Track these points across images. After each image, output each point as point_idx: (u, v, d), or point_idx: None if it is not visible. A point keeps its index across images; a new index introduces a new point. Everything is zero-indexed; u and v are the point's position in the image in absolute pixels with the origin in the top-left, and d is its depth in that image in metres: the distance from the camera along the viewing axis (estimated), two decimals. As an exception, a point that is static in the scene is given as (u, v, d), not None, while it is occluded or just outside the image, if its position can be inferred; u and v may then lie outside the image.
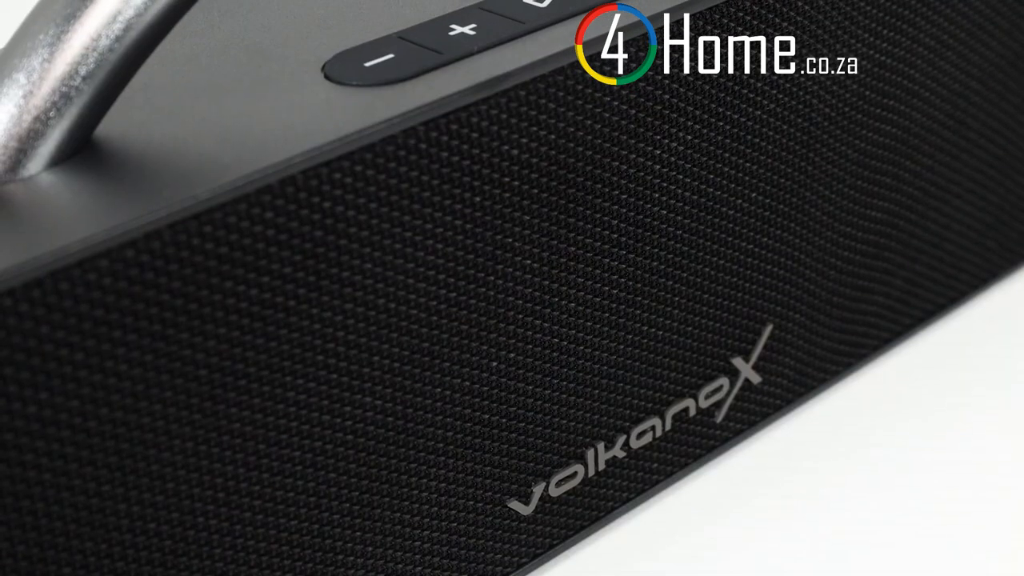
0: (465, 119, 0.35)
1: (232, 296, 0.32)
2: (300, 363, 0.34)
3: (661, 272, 0.42)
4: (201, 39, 0.39)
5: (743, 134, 0.42)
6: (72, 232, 0.30)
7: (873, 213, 0.48)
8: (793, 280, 0.46)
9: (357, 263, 0.34)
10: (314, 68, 0.37)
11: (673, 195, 0.41)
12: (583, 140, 0.38)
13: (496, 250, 0.37)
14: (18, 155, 0.33)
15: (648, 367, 0.43)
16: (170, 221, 0.31)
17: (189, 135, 0.34)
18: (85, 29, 0.33)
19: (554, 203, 0.38)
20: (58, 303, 0.29)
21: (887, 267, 0.50)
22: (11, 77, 0.33)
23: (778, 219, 0.45)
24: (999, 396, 0.50)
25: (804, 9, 0.42)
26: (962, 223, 0.52)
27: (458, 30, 0.38)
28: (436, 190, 0.35)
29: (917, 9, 0.45)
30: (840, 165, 0.46)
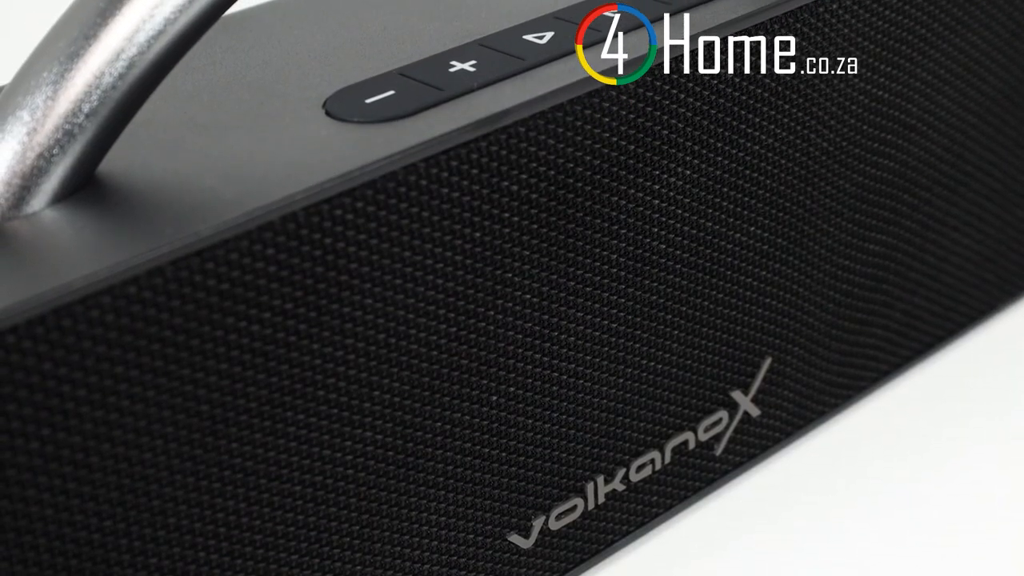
0: (465, 155, 0.35)
1: (234, 332, 0.32)
2: (301, 398, 0.34)
3: (660, 306, 0.42)
4: (203, 75, 0.39)
5: (742, 168, 0.42)
6: (75, 269, 0.30)
7: (871, 246, 0.48)
8: (792, 313, 0.47)
9: (358, 298, 0.34)
10: (315, 104, 0.37)
11: (672, 229, 0.41)
12: (582, 175, 0.38)
13: (496, 285, 0.37)
14: (22, 192, 0.33)
15: (647, 400, 0.43)
16: (172, 258, 0.31)
17: (191, 171, 0.34)
18: (88, 67, 0.33)
19: (553, 238, 0.38)
20: (61, 339, 0.30)
21: (886, 300, 0.50)
22: (15, 114, 0.33)
23: (777, 252, 0.45)
24: (998, 428, 0.51)
25: (800, 44, 0.42)
26: (960, 256, 0.52)
27: (458, 66, 0.38)
28: (436, 226, 0.35)
29: (914, 44, 0.46)
30: (838, 199, 0.46)
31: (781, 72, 0.42)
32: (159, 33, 0.33)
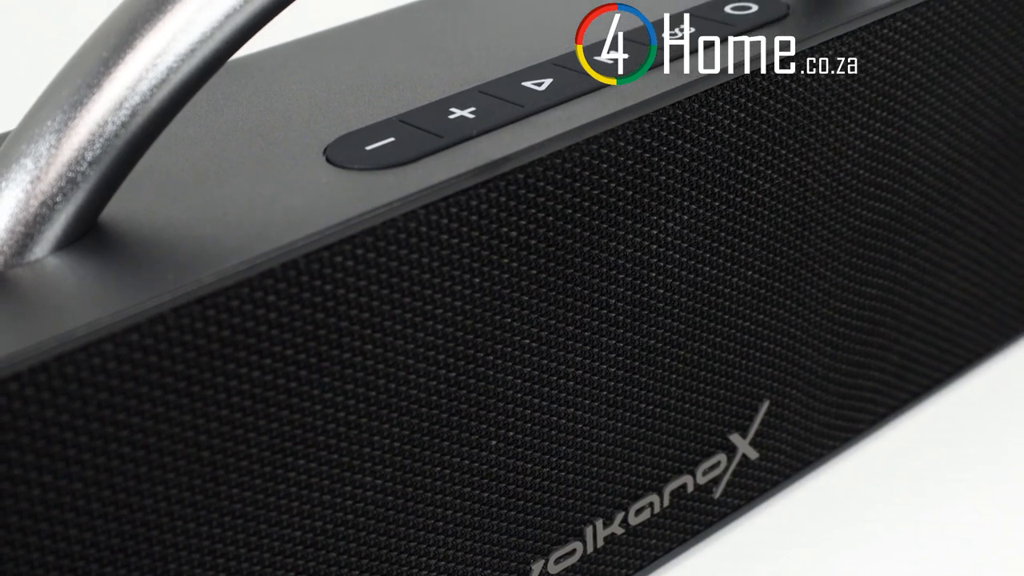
0: (465, 202, 0.35)
1: (234, 378, 0.33)
2: (301, 443, 0.34)
3: (658, 350, 0.42)
4: (205, 121, 0.40)
5: (739, 213, 0.42)
6: (77, 316, 0.30)
7: (868, 289, 0.49)
8: (789, 356, 0.47)
9: (358, 344, 0.35)
10: (316, 151, 0.37)
11: (670, 274, 0.41)
12: (581, 221, 0.38)
13: (495, 330, 0.37)
14: (25, 239, 0.33)
15: (646, 444, 0.43)
16: (174, 305, 0.31)
17: (193, 218, 0.34)
18: (92, 116, 0.33)
19: (552, 283, 0.38)
20: (63, 387, 0.30)
21: (883, 342, 0.50)
22: (19, 163, 0.33)
23: (774, 296, 0.45)
24: (996, 470, 0.51)
25: (796, 91, 0.42)
26: (957, 298, 0.53)
27: (458, 113, 0.39)
28: (436, 272, 0.35)
29: (909, 90, 0.46)
30: (835, 243, 0.46)
31: (779, 118, 0.42)
32: (161, 82, 0.34)
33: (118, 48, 0.34)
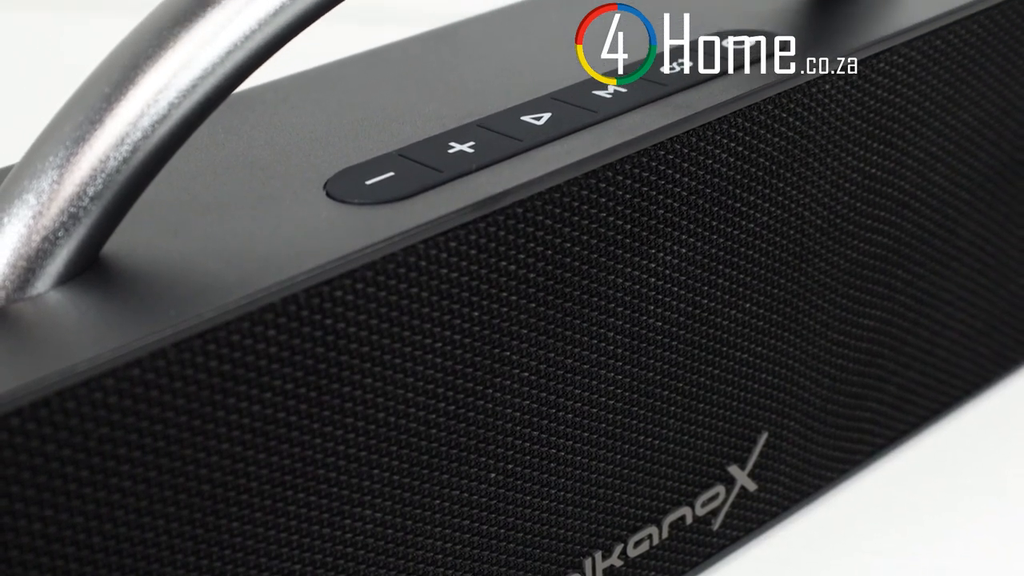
0: (464, 236, 0.36)
1: (235, 412, 0.33)
2: (301, 477, 0.35)
3: (657, 383, 0.42)
4: (206, 155, 0.40)
5: (737, 246, 0.43)
6: (79, 351, 0.31)
7: (866, 321, 0.49)
8: (787, 388, 0.47)
9: (358, 378, 0.35)
10: (316, 185, 0.38)
11: (668, 306, 0.42)
12: (579, 254, 0.38)
13: (494, 363, 0.38)
14: (27, 274, 0.33)
15: (644, 476, 0.43)
16: (175, 340, 0.31)
17: (194, 253, 0.35)
18: (94, 151, 0.33)
19: (551, 316, 0.38)
20: (64, 422, 0.30)
21: (881, 374, 0.50)
22: (21, 198, 0.33)
23: (772, 328, 0.45)
24: (995, 501, 0.51)
25: (793, 124, 0.43)
26: (954, 330, 0.53)
27: (457, 148, 0.39)
28: (435, 305, 0.36)
29: (906, 123, 0.46)
30: (833, 275, 0.47)
31: (776, 151, 0.42)
32: (163, 118, 0.34)
33: (120, 84, 0.34)
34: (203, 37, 0.34)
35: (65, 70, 0.49)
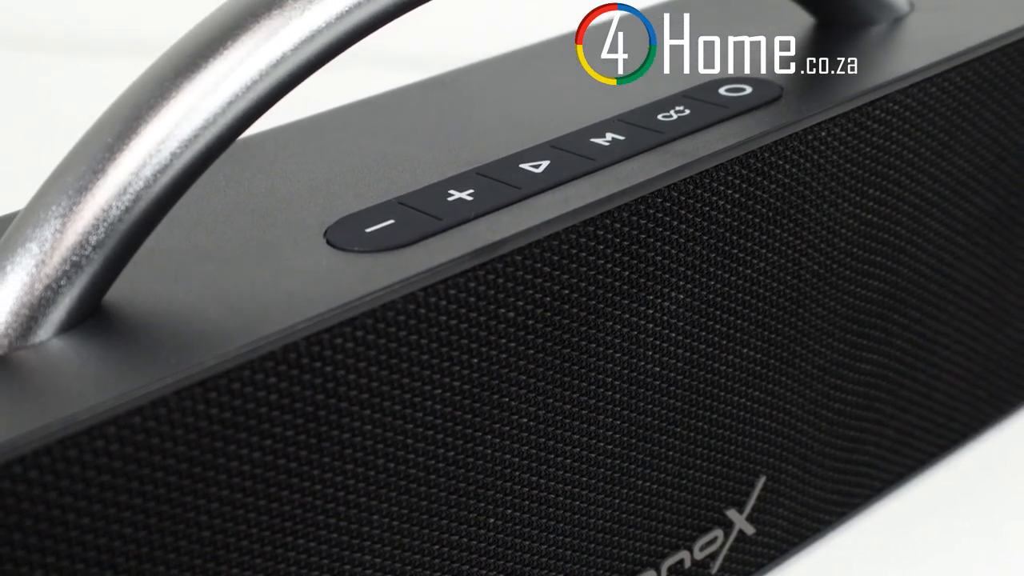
0: (463, 284, 0.36)
1: (235, 459, 0.33)
2: (301, 523, 0.35)
3: (655, 427, 0.43)
4: (207, 202, 0.40)
5: (734, 292, 0.43)
6: (81, 399, 0.31)
7: (863, 365, 0.49)
8: (785, 432, 0.47)
9: (358, 425, 0.35)
10: (317, 233, 0.38)
11: (666, 352, 0.42)
12: (577, 301, 0.39)
13: (493, 409, 0.38)
14: (29, 322, 0.34)
15: (643, 520, 0.44)
16: (176, 388, 0.32)
17: (195, 301, 0.35)
18: (96, 201, 0.34)
19: (549, 362, 0.39)
20: (66, 470, 0.30)
21: (878, 418, 0.51)
22: (24, 247, 0.34)
23: (769, 373, 0.46)
24: (992, 544, 0.51)
25: (790, 171, 0.43)
26: (951, 373, 0.53)
27: (456, 195, 0.39)
28: (435, 352, 0.36)
29: (902, 169, 0.47)
30: (830, 320, 0.47)
31: (773, 198, 0.43)
32: (165, 168, 0.34)
33: (122, 134, 0.34)
34: (205, 88, 0.35)
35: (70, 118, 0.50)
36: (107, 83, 0.58)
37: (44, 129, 0.81)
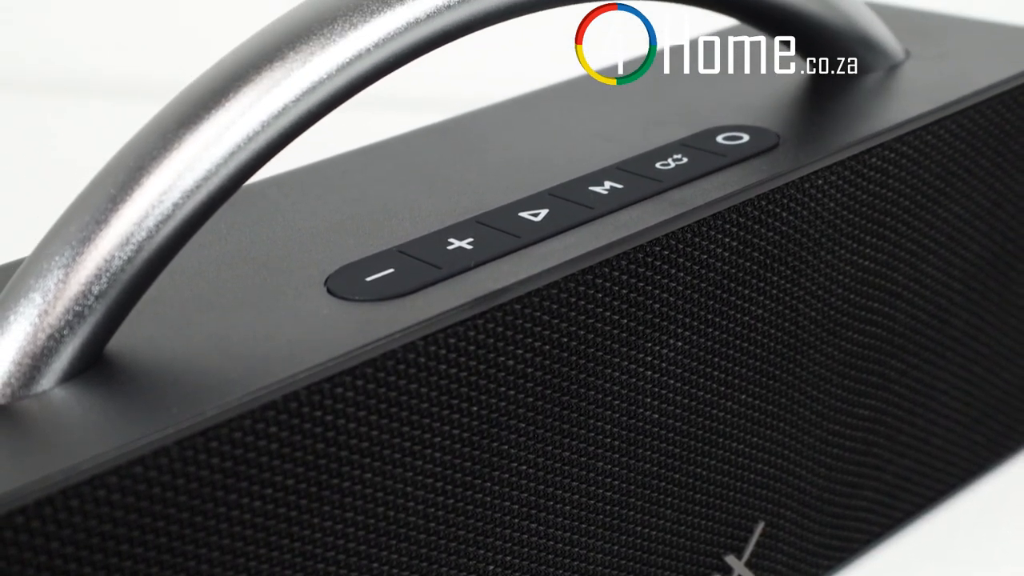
0: (463, 333, 0.36)
1: (236, 508, 0.33)
2: (302, 572, 0.35)
3: (654, 474, 0.43)
4: (209, 251, 0.41)
5: (732, 339, 0.43)
6: (83, 449, 0.31)
7: (861, 411, 0.49)
8: (784, 478, 0.47)
9: (358, 473, 0.35)
10: (317, 282, 0.38)
11: (665, 399, 0.42)
12: (576, 349, 0.39)
13: (493, 457, 0.38)
14: (32, 372, 0.34)
15: (642, 566, 0.44)
16: (178, 438, 0.32)
17: (196, 350, 0.35)
18: (99, 251, 0.34)
19: (549, 410, 0.39)
20: (68, 519, 0.30)
21: (876, 463, 0.51)
22: (27, 296, 0.34)
23: (768, 419, 0.46)
24: (990, 589, 0.51)
25: (787, 219, 0.43)
26: (949, 418, 0.53)
27: (456, 244, 0.40)
28: (435, 401, 0.36)
29: (898, 216, 0.47)
30: (827, 366, 0.47)
31: (770, 246, 0.43)
32: (167, 218, 0.35)
33: (125, 185, 0.34)
34: (207, 139, 0.35)
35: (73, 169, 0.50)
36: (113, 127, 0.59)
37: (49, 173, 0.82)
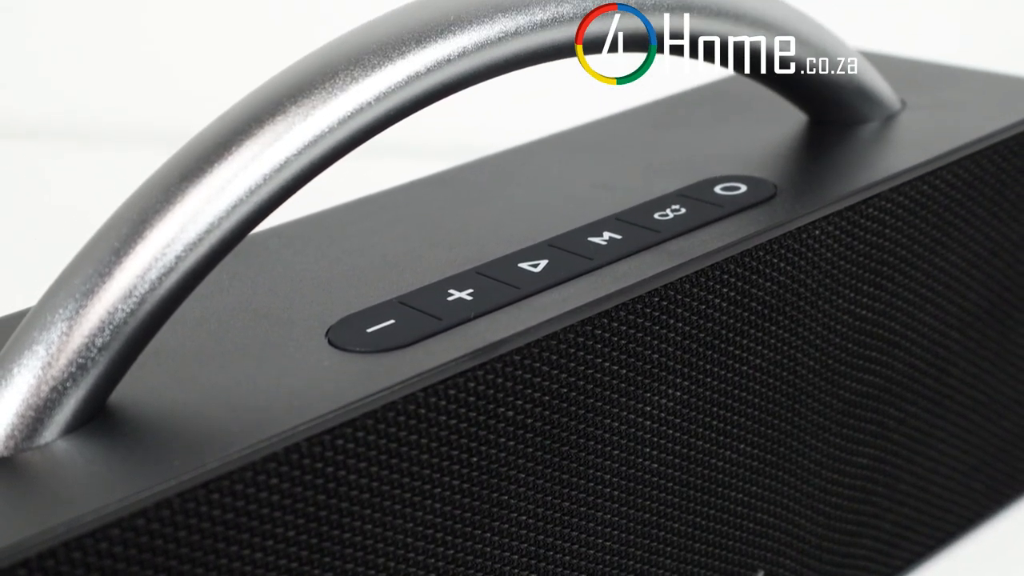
0: (463, 384, 0.36)
1: (238, 559, 0.33)
2: (302, 622, 0.35)
3: (653, 523, 0.43)
4: (210, 302, 0.41)
5: (731, 388, 0.44)
6: (86, 502, 0.31)
7: (859, 459, 0.49)
8: (783, 526, 0.47)
9: (358, 524, 0.35)
10: (319, 333, 0.39)
11: (664, 449, 0.42)
12: (575, 399, 0.39)
13: (492, 507, 0.38)
14: (35, 424, 0.34)
15: (642, 616, 0.44)
16: (180, 490, 0.32)
17: (198, 402, 0.35)
18: (102, 304, 0.34)
19: (548, 460, 0.39)
20: (71, 572, 0.31)
21: (875, 511, 0.51)
22: (31, 349, 0.34)
23: (766, 468, 0.46)
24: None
25: (785, 269, 0.44)
26: (948, 466, 0.53)
27: (456, 295, 0.40)
28: (435, 452, 0.36)
29: (896, 265, 0.47)
30: (826, 414, 0.47)
31: (768, 296, 0.43)
32: (170, 271, 0.35)
33: (128, 238, 0.35)
34: (209, 192, 0.35)
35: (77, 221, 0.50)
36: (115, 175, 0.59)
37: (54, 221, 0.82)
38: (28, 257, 0.72)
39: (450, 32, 0.39)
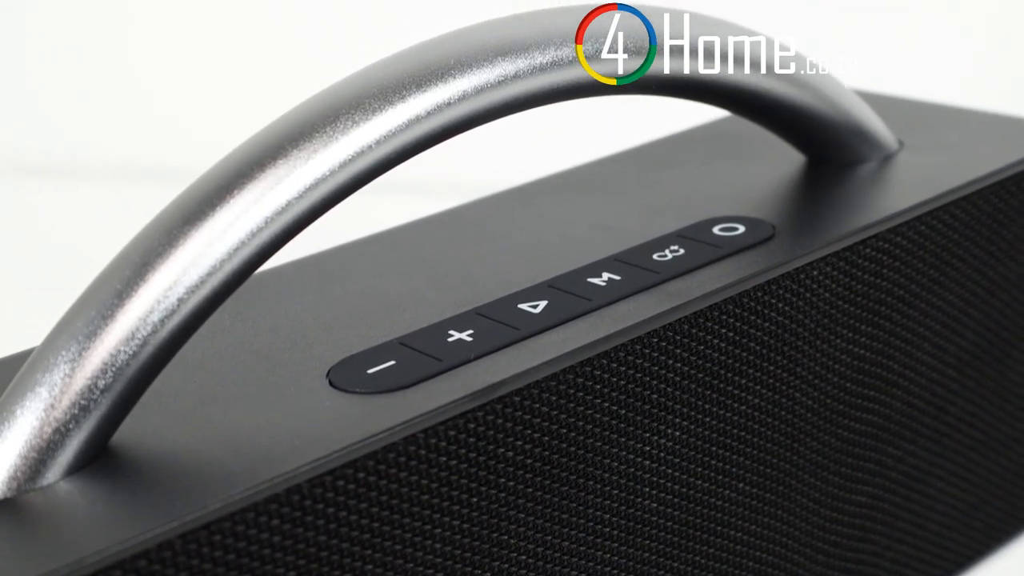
0: (463, 425, 0.37)
1: (238, 600, 0.34)
2: (302, 662, 0.35)
3: (652, 562, 0.43)
4: (211, 343, 0.41)
5: (729, 428, 0.44)
6: (88, 543, 0.31)
7: (858, 498, 0.50)
8: (782, 565, 0.48)
9: (359, 565, 0.35)
10: (319, 374, 0.39)
11: (663, 488, 0.42)
12: (575, 440, 0.39)
13: (492, 547, 0.38)
14: (37, 465, 0.34)
15: (641, 655, 0.44)
16: (181, 531, 0.32)
17: (200, 443, 0.36)
18: (105, 346, 0.35)
19: (548, 500, 0.39)
20: (73, 613, 0.31)
21: (874, 549, 0.51)
22: (34, 391, 0.35)
23: (765, 507, 0.46)
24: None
25: (783, 309, 0.44)
26: (946, 504, 0.54)
27: (456, 336, 0.40)
28: (435, 492, 0.37)
29: (893, 305, 0.48)
30: (824, 453, 0.48)
31: (766, 336, 0.44)
32: (172, 313, 0.35)
33: (131, 280, 0.35)
34: (210, 236, 0.36)
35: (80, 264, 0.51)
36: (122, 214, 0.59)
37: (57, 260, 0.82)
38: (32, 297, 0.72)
39: (450, 76, 0.39)
